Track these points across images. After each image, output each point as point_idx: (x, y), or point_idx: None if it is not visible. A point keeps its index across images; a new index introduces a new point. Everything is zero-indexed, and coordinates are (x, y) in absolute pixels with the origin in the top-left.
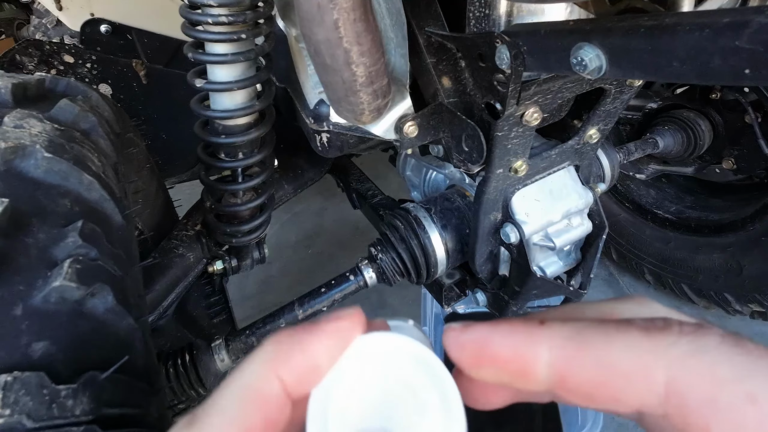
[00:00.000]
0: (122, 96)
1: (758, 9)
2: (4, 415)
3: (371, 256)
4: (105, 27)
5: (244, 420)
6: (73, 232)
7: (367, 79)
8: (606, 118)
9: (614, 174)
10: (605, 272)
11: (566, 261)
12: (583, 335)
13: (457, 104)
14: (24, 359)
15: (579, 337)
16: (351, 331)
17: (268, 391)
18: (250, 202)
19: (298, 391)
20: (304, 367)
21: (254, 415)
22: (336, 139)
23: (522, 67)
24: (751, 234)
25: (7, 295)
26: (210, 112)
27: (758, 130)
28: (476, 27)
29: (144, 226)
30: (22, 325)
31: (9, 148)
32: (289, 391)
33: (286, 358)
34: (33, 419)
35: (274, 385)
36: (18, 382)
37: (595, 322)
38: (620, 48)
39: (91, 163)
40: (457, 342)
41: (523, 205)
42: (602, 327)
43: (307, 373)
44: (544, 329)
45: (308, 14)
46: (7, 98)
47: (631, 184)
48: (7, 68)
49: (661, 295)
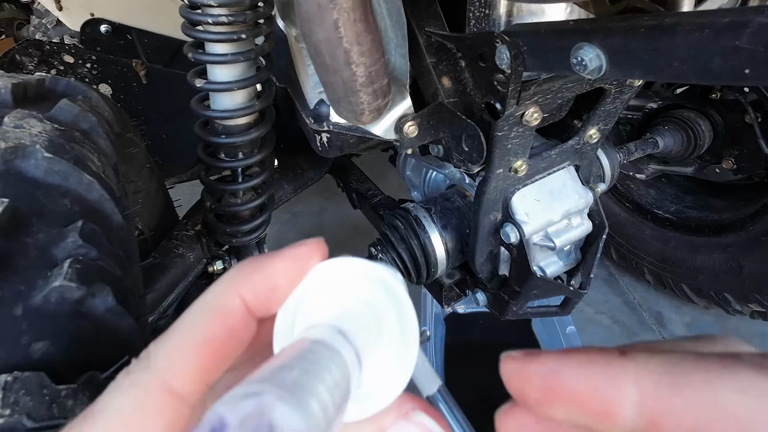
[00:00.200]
0: (122, 96)
1: (758, 9)
2: (4, 415)
3: (371, 256)
4: (105, 27)
5: (206, 329)
6: (73, 232)
7: (367, 79)
8: (606, 118)
9: (614, 174)
10: (605, 272)
11: (566, 261)
12: (679, 370)
13: (457, 104)
14: (24, 359)
15: (674, 373)
16: (309, 258)
17: (229, 306)
18: (250, 202)
19: (261, 311)
20: (264, 286)
21: (216, 325)
22: (336, 139)
23: (522, 67)
24: (751, 234)
25: (7, 295)
26: (210, 112)
27: (758, 130)
28: (476, 27)
29: (144, 226)
30: (23, 325)
31: (9, 148)
32: (252, 310)
33: (247, 278)
34: (33, 419)
35: (235, 302)
36: (18, 382)
37: (689, 354)
38: (620, 48)
39: (91, 163)
40: (521, 374)
41: (523, 205)
42: (701, 362)
43: (268, 293)
44: (628, 361)
45: (308, 14)
46: (7, 98)
47: (631, 184)
48: (7, 68)
49: (661, 295)
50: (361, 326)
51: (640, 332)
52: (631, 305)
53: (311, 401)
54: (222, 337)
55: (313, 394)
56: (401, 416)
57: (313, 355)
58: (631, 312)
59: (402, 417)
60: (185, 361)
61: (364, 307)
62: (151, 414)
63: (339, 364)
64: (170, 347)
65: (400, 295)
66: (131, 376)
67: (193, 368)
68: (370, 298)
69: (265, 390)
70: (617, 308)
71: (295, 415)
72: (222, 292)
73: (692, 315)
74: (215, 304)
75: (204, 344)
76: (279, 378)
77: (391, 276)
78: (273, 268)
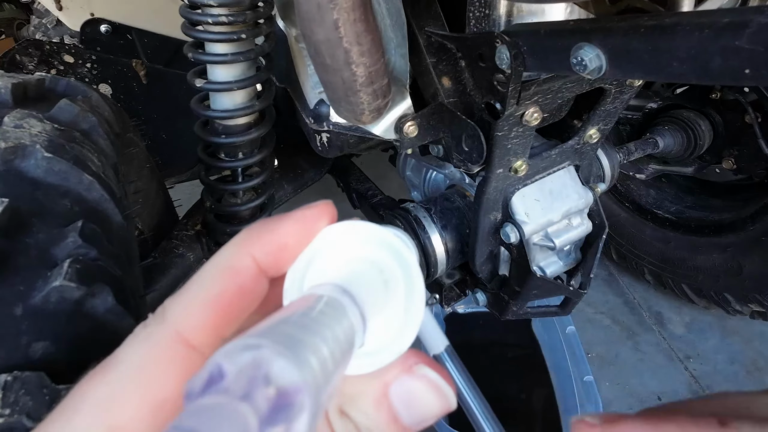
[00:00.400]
0: (122, 96)
1: (758, 9)
2: (4, 414)
3: None
4: (105, 27)
5: (218, 286)
6: (73, 232)
7: (367, 79)
8: (606, 118)
9: (614, 174)
10: (605, 272)
11: (566, 261)
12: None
13: (457, 104)
14: (24, 359)
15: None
16: (318, 219)
17: (241, 264)
18: (250, 202)
19: (272, 270)
20: (274, 246)
21: (227, 282)
22: (336, 139)
23: (522, 67)
24: (751, 234)
25: (7, 295)
26: (210, 112)
27: (758, 130)
28: (476, 27)
29: (144, 226)
30: (23, 325)
31: (9, 148)
32: (263, 268)
33: (257, 239)
34: (33, 419)
35: (246, 260)
36: (18, 382)
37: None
38: (620, 48)
39: (91, 163)
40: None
41: (523, 205)
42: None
43: (277, 252)
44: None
45: (308, 14)
46: (7, 98)
47: (631, 184)
48: (7, 68)
49: (661, 295)
50: (367, 287)
51: (640, 332)
52: (631, 305)
53: (309, 356)
54: (233, 294)
55: (311, 349)
56: (405, 370)
57: (315, 312)
58: (631, 312)
59: (406, 371)
60: (198, 315)
61: (371, 268)
62: (166, 362)
63: (341, 321)
64: (184, 302)
65: (407, 259)
66: (147, 328)
67: (206, 322)
68: (377, 260)
69: (263, 343)
70: (617, 308)
71: (291, 369)
72: (233, 251)
73: (692, 315)
74: (227, 262)
75: (216, 300)
76: (278, 332)
77: (399, 239)
78: (282, 229)
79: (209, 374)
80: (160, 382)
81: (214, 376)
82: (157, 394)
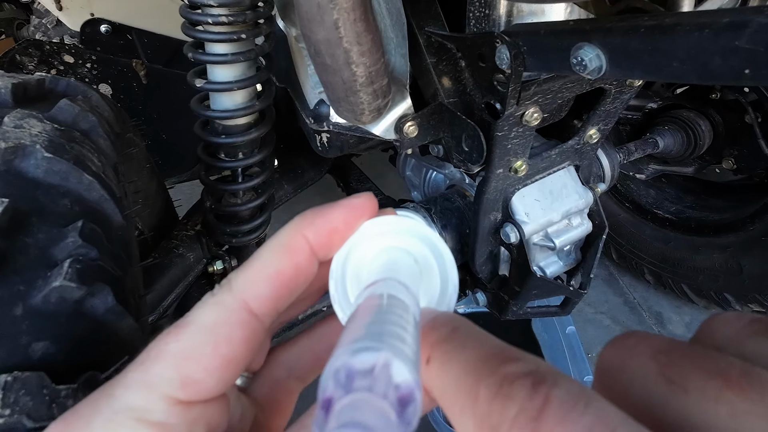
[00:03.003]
0: (122, 96)
1: (758, 9)
2: (4, 415)
3: None
4: (105, 27)
5: (277, 263)
6: (73, 232)
7: (367, 79)
8: (606, 118)
9: (614, 174)
10: (605, 272)
11: (566, 261)
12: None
13: (457, 104)
14: (24, 359)
15: None
16: (364, 209)
17: (296, 245)
18: (250, 202)
19: (322, 253)
20: (325, 229)
21: (286, 260)
22: (336, 139)
23: (522, 67)
24: (751, 234)
25: (7, 295)
26: (210, 112)
27: (758, 130)
28: (476, 27)
29: (144, 226)
30: (22, 325)
31: (9, 148)
32: (315, 250)
33: (311, 222)
34: (33, 419)
35: (301, 242)
36: (18, 382)
37: None
38: (620, 48)
39: (91, 163)
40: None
41: (523, 205)
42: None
43: (328, 234)
44: None
45: (308, 14)
46: (7, 98)
47: (631, 184)
48: (7, 68)
49: (661, 295)
50: (411, 276)
51: None
52: (631, 305)
53: (409, 352)
54: (290, 271)
55: (413, 350)
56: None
57: (397, 312)
58: (631, 312)
59: None
60: (261, 288)
61: (410, 259)
62: (235, 325)
63: (413, 320)
64: (249, 275)
65: (443, 253)
66: (215, 296)
67: (267, 294)
68: (415, 252)
69: (381, 346)
70: (617, 308)
71: (405, 368)
72: (290, 233)
73: (692, 315)
74: (285, 242)
75: (276, 275)
76: (387, 335)
77: (435, 235)
78: (333, 215)
79: (335, 371)
80: (229, 342)
81: (344, 374)
82: (227, 352)
